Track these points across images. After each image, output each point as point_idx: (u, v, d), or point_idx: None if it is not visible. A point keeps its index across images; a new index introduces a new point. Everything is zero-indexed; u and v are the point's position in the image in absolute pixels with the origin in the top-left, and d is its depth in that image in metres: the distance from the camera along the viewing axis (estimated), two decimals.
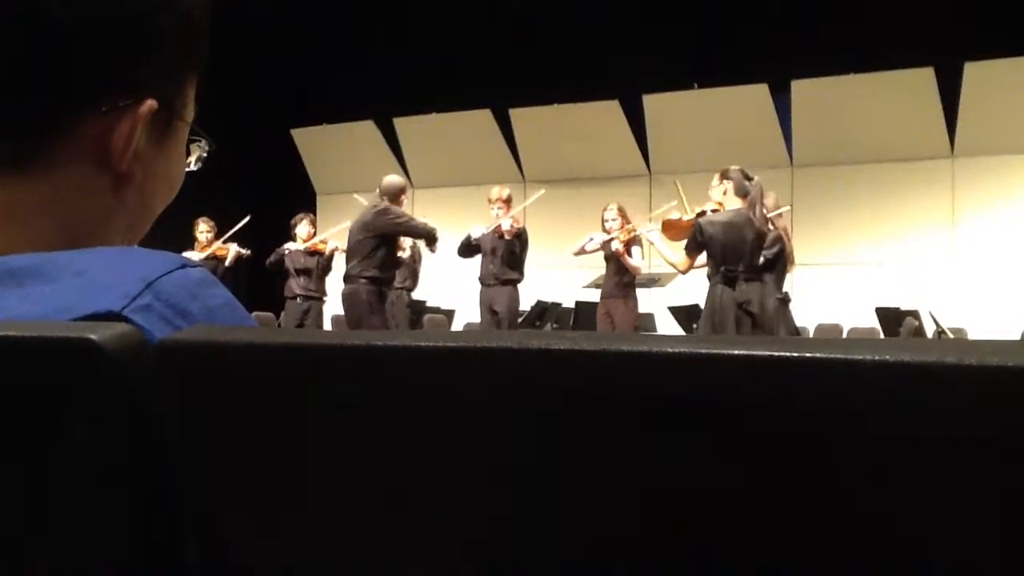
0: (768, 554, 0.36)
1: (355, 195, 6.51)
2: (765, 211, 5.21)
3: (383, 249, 5.94)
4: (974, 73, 8.17)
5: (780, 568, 0.36)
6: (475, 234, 6.75)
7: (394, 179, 6.17)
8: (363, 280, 5.85)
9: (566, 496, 0.39)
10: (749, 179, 4.88)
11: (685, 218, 5.32)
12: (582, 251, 6.70)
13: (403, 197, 6.13)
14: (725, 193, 4.88)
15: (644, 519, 0.38)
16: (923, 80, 8.33)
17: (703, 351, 0.35)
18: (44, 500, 0.48)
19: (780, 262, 5.28)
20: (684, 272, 5.13)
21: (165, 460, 0.46)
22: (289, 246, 7.37)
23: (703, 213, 5.05)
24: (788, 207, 6.31)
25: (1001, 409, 0.32)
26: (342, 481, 0.43)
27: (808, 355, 0.34)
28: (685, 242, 5.01)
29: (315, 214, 8.34)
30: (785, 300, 5.31)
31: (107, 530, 0.47)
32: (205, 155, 0.74)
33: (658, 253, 5.36)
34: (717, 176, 4.97)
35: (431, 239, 6.23)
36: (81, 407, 0.46)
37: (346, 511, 0.43)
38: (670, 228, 5.39)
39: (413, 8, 9.31)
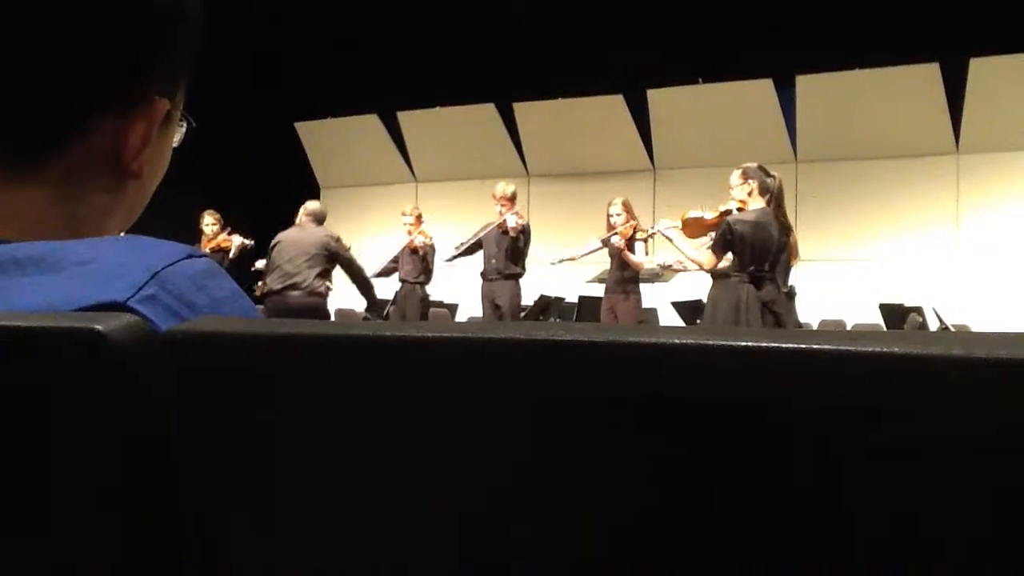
0: (771, 550, 0.36)
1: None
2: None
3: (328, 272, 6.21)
4: (979, 69, 8.14)
5: (784, 563, 0.36)
6: (446, 257, 6.89)
7: (319, 204, 6.48)
8: (319, 295, 6.04)
9: (568, 487, 0.39)
10: (770, 176, 4.84)
11: (708, 216, 5.27)
12: (579, 257, 6.73)
13: None
14: (750, 193, 4.82)
15: (647, 511, 0.38)
16: (928, 76, 8.30)
17: (709, 343, 0.35)
18: (46, 490, 0.48)
19: (785, 256, 5.22)
20: (709, 271, 5.05)
21: (168, 452, 0.46)
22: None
23: (728, 212, 5.01)
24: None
25: (1008, 402, 0.32)
26: (346, 475, 0.43)
27: (815, 346, 0.34)
28: (707, 240, 4.96)
29: None
30: (790, 294, 5.26)
31: (109, 521, 0.47)
32: (185, 132, 0.75)
33: (676, 250, 5.31)
34: (738, 174, 4.90)
35: (367, 291, 6.50)
36: (86, 397, 0.46)
37: (350, 506, 0.43)
38: (691, 225, 5.33)
39: (417, 2, 9.29)
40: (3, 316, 0.48)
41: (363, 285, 6.56)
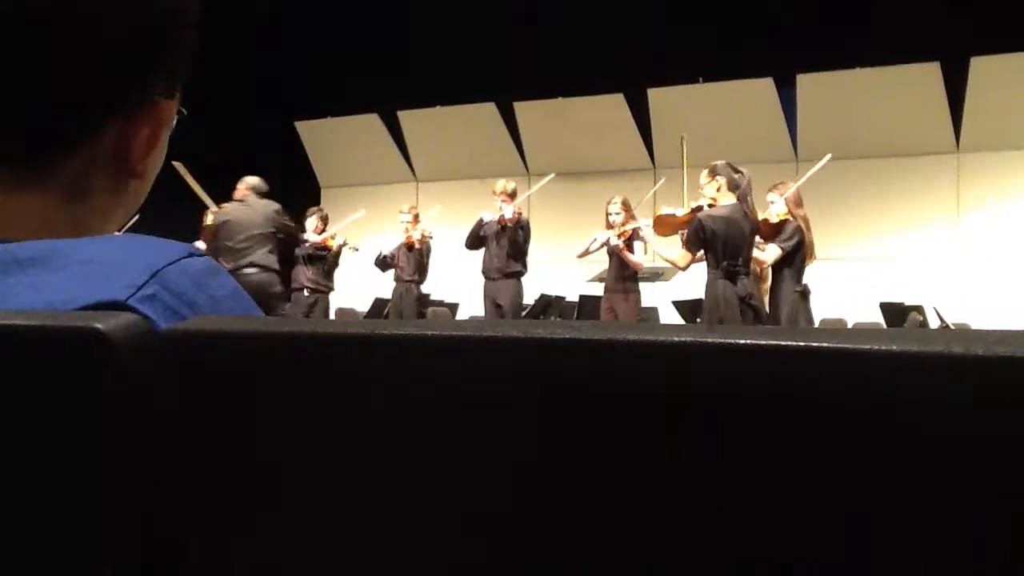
0: (773, 548, 0.36)
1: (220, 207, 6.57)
2: (786, 199, 5.26)
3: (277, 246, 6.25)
4: (980, 68, 8.13)
5: (787, 561, 0.36)
6: (487, 217, 6.78)
7: (258, 177, 6.42)
8: (273, 271, 6.09)
9: (570, 486, 0.39)
10: (738, 172, 4.91)
11: (679, 213, 5.34)
12: (587, 252, 6.69)
13: None
14: (719, 189, 4.91)
15: (649, 510, 0.38)
16: (929, 75, 8.30)
17: (709, 340, 0.35)
18: (46, 491, 0.48)
19: (799, 254, 5.26)
20: (684, 268, 5.13)
21: (169, 450, 0.46)
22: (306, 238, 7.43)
23: (699, 209, 5.07)
24: (829, 156, 6.21)
25: (1009, 400, 0.32)
26: (347, 474, 0.43)
27: (814, 344, 0.34)
28: (680, 237, 5.02)
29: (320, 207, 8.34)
30: (805, 293, 5.28)
31: (109, 520, 0.47)
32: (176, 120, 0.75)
33: (653, 250, 5.38)
34: (706, 173, 5.01)
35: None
36: (86, 396, 0.46)
37: (351, 505, 0.43)
38: (662, 224, 5.40)
39: (417, 1, 9.29)
40: (3, 315, 0.48)
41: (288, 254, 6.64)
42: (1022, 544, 0.32)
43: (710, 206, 4.97)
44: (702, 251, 4.91)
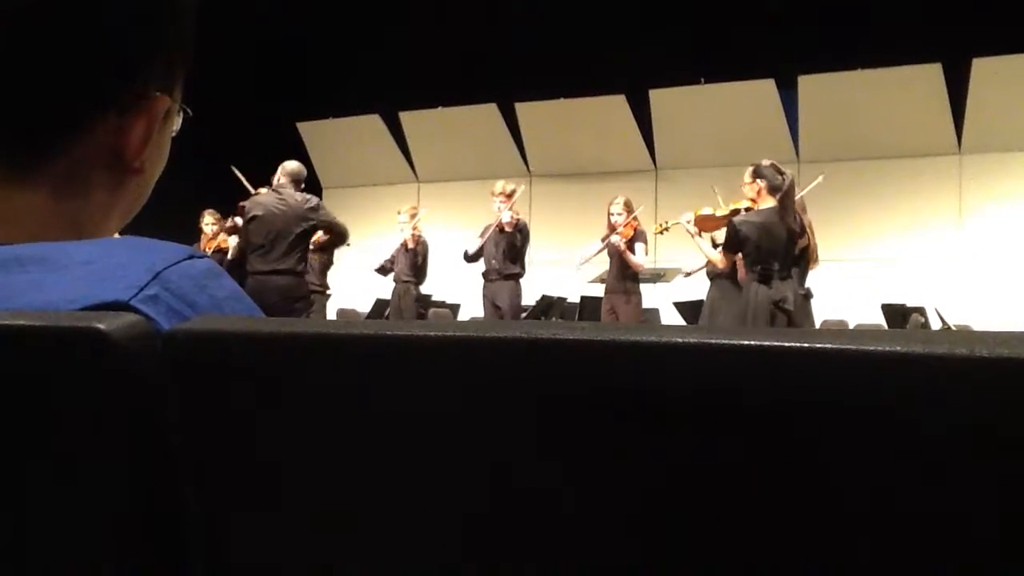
0: (773, 549, 0.36)
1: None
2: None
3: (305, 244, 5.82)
4: (982, 69, 8.13)
5: (787, 562, 0.36)
6: (471, 250, 6.82)
7: (298, 163, 6.02)
8: (298, 274, 5.69)
9: (570, 486, 0.39)
10: (781, 174, 4.90)
11: (719, 214, 5.38)
12: (587, 259, 6.70)
13: None
14: (759, 193, 4.91)
15: (649, 510, 0.38)
16: (931, 76, 8.30)
17: (712, 341, 0.35)
18: (48, 489, 0.48)
19: (803, 258, 5.29)
20: (725, 268, 5.17)
21: (171, 451, 0.46)
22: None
23: (736, 211, 5.10)
24: (821, 176, 6.44)
25: (1011, 401, 0.32)
26: (348, 474, 0.43)
27: (817, 345, 0.34)
28: (721, 238, 5.06)
29: None
30: (807, 296, 5.33)
31: (111, 519, 0.47)
32: (182, 121, 0.74)
33: (696, 246, 5.43)
34: (749, 172, 5.00)
35: (343, 239, 6.20)
36: (88, 396, 0.46)
37: (352, 505, 0.43)
38: (702, 222, 5.46)
39: (419, 1, 9.29)
40: (5, 315, 0.48)
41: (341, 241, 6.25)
42: (1022, 544, 0.32)
43: (747, 209, 5.00)
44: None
